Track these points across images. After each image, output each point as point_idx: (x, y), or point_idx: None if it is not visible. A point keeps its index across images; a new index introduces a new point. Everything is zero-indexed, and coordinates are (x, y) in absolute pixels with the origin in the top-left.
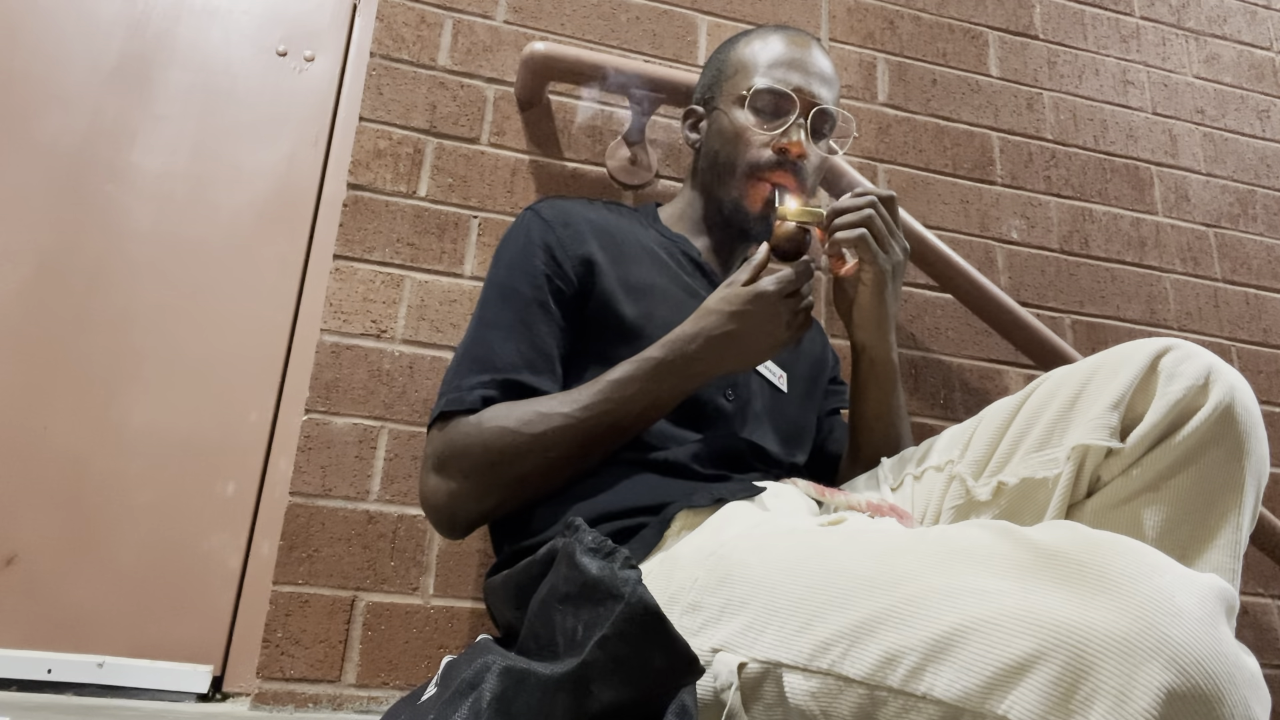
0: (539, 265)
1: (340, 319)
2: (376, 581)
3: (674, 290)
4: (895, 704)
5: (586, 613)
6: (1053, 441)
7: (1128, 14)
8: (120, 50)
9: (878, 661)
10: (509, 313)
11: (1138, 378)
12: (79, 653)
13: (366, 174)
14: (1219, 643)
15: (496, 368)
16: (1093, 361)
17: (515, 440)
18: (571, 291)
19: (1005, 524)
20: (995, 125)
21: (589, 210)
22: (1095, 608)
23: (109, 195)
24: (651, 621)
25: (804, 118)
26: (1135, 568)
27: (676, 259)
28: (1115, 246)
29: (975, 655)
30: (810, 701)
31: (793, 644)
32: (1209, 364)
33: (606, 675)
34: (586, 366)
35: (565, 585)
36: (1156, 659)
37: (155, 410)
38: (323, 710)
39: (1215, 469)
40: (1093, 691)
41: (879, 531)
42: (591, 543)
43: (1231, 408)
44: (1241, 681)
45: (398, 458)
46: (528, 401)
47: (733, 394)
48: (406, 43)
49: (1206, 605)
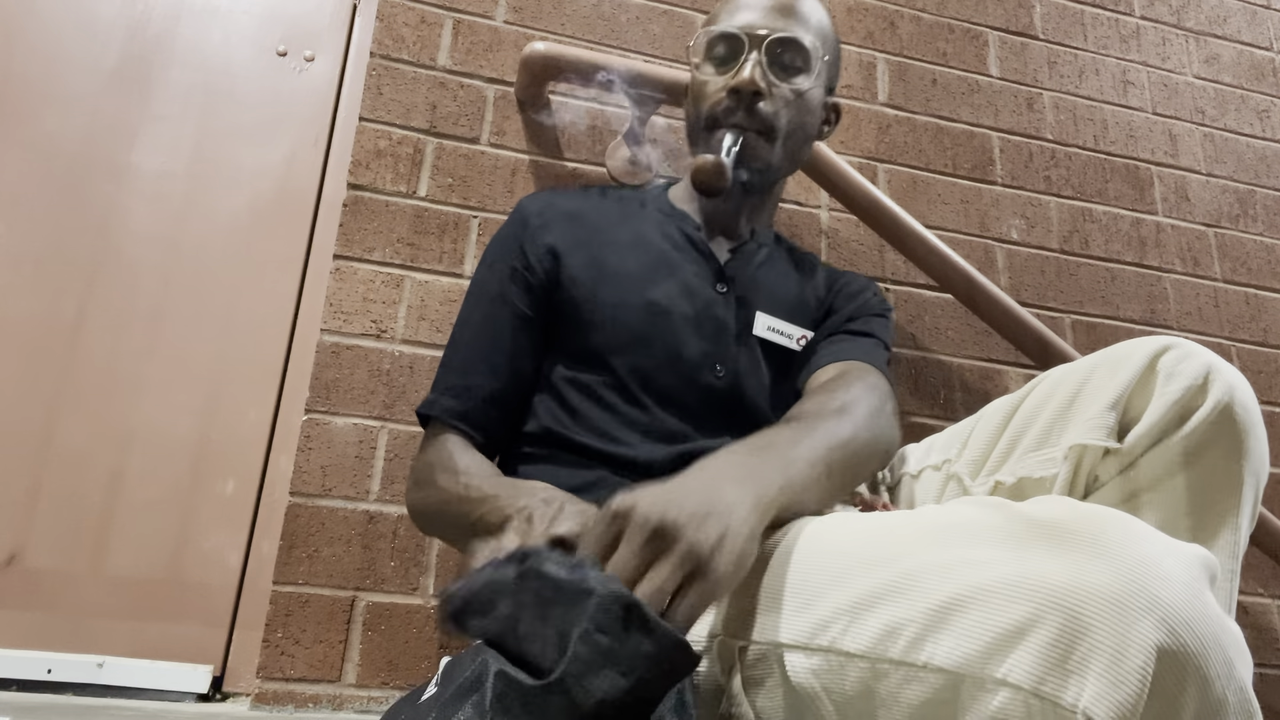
0: (509, 260)
1: (340, 319)
2: (376, 581)
3: (658, 272)
4: (897, 675)
5: (561, 615)
6: (1050, 441)
7: (1128, 14)
8: (120, 50)
9: (878, 635)
10: (479, 311)
11: (1136, 377)
12: (79, 653)
13: (366, 174)
14: (1205, 606)
15: (460, 371)
16: (1091, 360)
17: (429, 480)
18: (538, 283)
19: (996, 499)
20: (995, 125)
21: (575, 199)
22: (1088, 572)
23: (109, 195)
24: (627, 609)
25: (757, 51)
26: (1124, 534)
27: (671, 238)
28: (1115, 246)
29: (974, 622)
30: (812, 679)
31: (792, 624)
32: (1208, 363)
33: (595, 669)
34: (560, 358)
35: (537, 596)
36: (1148, 618)
37: (155, 410)
38: (323, 710)
39: (1214, 469)
40: (1089, 651)
41: (871, 516)
42: (556, 557)
43: (1230, 407)
44: (1227, 643)
45: (398, 458)
46: (460, 456)
47: (722, 369)
48: (406, 43)
49: (1192, 570)
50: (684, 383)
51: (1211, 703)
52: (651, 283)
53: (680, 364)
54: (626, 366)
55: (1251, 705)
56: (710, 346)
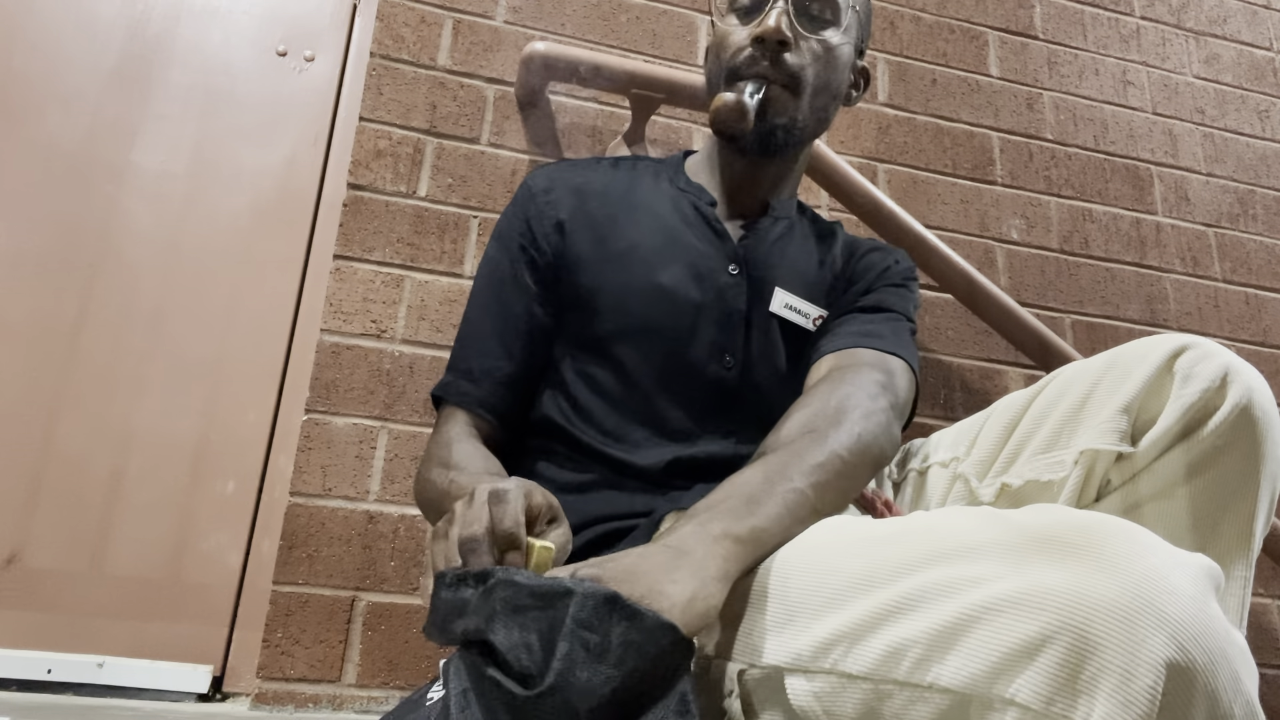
0: (517, 238)
1: (340, 319)
2: (376, 581)
3: (668, 250)
4: (901, 696)
5: (542, 619)
6: (1060, 444)
7: (1128, 14)
8: (120, 50)
9: (881, 656)
10: (490, 289)
11: (1151, 378)
12: (79, 653)
13: (366, 174)
14: (1212, 619)
15: (474, 352)
16: (1105, 359)
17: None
18: (545, 261)
19: (988, 509)
20: (995, 125)
21: (584, 173)
22: (1095, 586)
23: (109, 195)
24: (608, 600)
25: (783, 1)
26: (1128, 547)
27: (683, 212)
28: (1115, 246)
29: (980, 641)
30: (813, 702)
31: (792, 647)
32: (1226, 363)
33: (586, 667)
34: (565, 344)
35: (511, 604)
36: (1158, 634)
37: (155, 410)
38: (323, 710)
39: (1230, 474)
40: (1098, 670)
41: (865, 523)
42: (520, 570)
43: (1249, 410)
44: (1233, 655)
45: (398, 458)
46: (461, 446)
47: (731, 359)
48: (406, 43)
49: (1199, 583)
50: (690, 374)
51: (1219, 715)
52: (659, 265)
53: (687, 354)
54: (630, 355)
55: (1257, 717)
56: (719, 335)
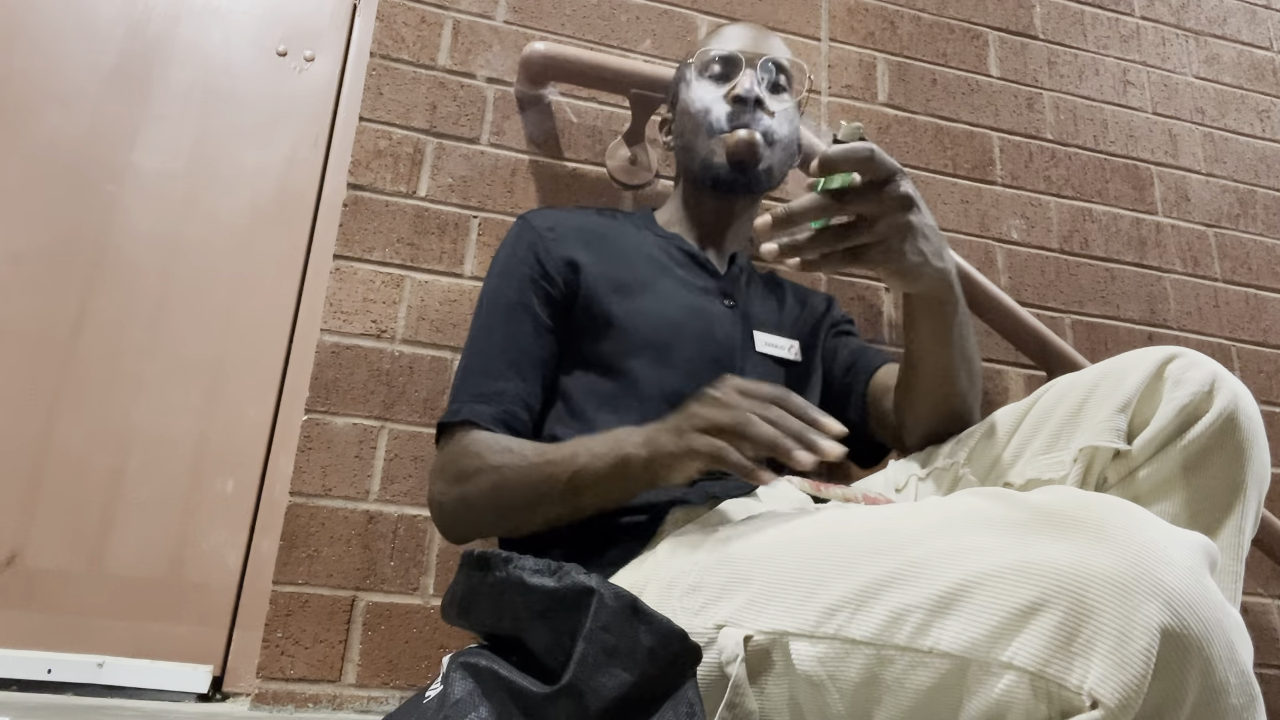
0: (526, 271)
1: (340, 319)
2: (376, 581)
3: (668, 286)
4: (902, 661)
5: (563, 621)
6: (1059, 444)
7: (1128, 14)
8: (120, 50)
9: (884, 621)
10: (499, 319)
11: (1145, 383)
12: (79, 653)
13: (366, 174)
14: (1208, 590)
15: (487, 377)
16: (1099, 368)
17: (479, 469)
18: (558, 294)
19: (998, 489)
20: (995, 125)
21: (579, 216)
22: (1093, 556)
23: (109, 195)
24: (628, 606)
25: (753, 69)
26: (1128, 521)
27: (671, 255)
28: (1115, 246)
29: (979, 607)
30: (817, 667)
31: (798, 613)
32: (1214, 372)
33: (602, 666)
34: (574, 368)
35: (529, 608)
36: (1153, 601)
37: (155, 410)
38: (323, 710)
39: (1219, 473)
40: (1094, 634)
41: (876, 509)
42: (534, 565)
43: (1235, 415)
44: (1229, 626)
45: (398, 458)
46: (505, 439)
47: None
48: (406, 43)
49: (1195, 556)
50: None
51: (1214, 684)
52: (667, 297)
53: (696, 375)
54: (643, 374)
55: (1253, 688)
56: (723, 358)
